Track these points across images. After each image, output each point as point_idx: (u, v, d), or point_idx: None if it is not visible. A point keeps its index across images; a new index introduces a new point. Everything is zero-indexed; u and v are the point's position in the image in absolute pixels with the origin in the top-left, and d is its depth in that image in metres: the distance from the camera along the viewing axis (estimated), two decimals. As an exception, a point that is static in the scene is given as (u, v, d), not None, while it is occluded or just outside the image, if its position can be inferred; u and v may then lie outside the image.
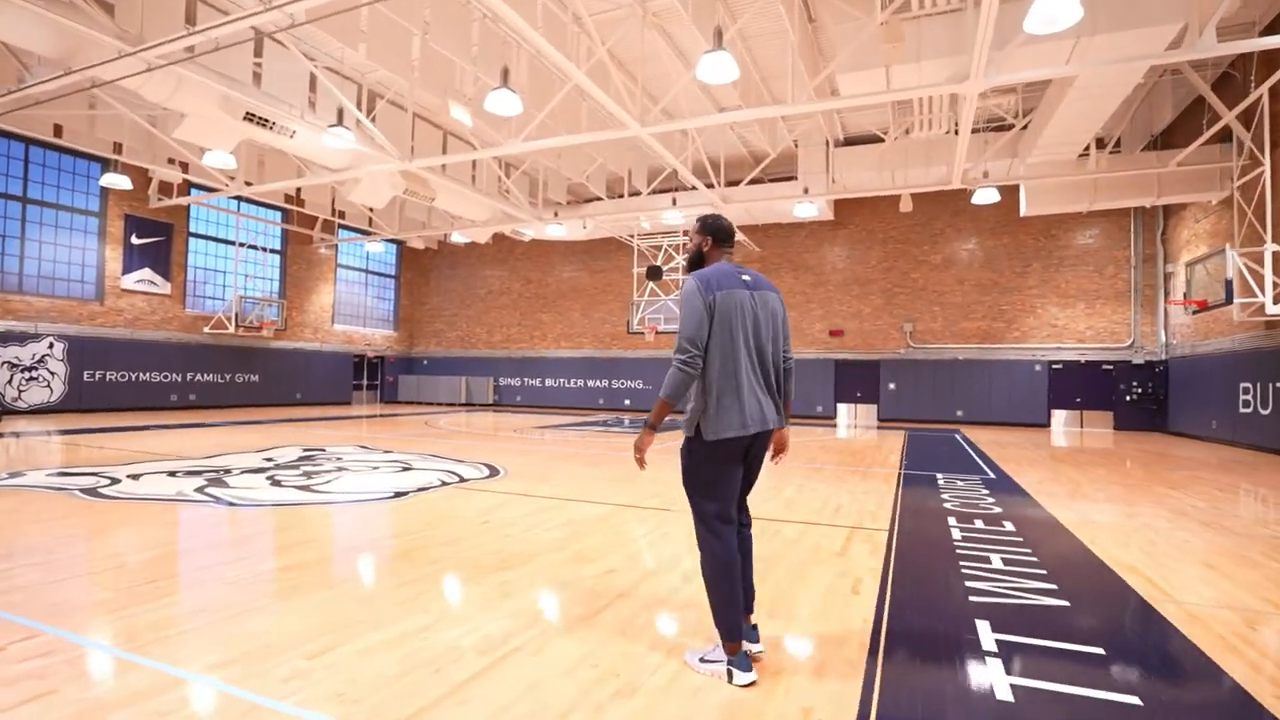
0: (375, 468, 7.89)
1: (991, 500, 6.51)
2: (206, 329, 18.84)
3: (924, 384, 19.19)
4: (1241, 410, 12.57)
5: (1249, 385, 12.35)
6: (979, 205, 18.42)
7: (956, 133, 14.91)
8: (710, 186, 16.09)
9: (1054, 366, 17.85)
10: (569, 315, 23.89)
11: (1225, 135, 12.30)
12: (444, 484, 6.84)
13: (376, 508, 5.55)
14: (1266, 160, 10.12)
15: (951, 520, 5.53)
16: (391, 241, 24.68)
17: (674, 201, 18.33)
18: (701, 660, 2.62)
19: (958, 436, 14.61)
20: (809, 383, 20.34)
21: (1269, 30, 11.05)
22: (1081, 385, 17.55)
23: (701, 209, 18.14)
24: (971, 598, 3.54)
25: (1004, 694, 2.45)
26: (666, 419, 2.79)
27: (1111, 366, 17.25)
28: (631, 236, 20.22)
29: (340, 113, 11.94)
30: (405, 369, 25.91)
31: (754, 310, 2.65)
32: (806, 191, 17.08)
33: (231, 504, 5.55)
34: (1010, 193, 17.17)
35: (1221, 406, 13.30)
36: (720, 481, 2.61)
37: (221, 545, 4.25)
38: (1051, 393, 17.81)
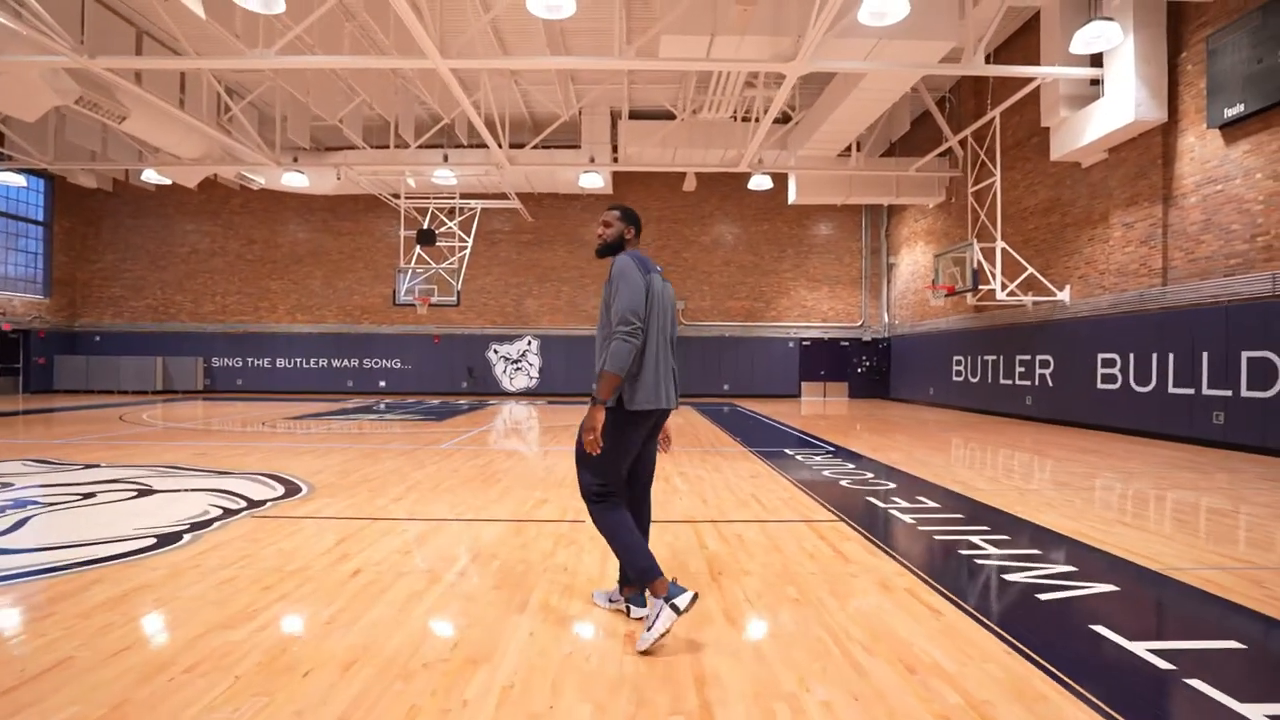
0: (88, 495, 5.18)
1: (871, 475, 6.53)
2: None
3: (695, 359, 20.03)
4: (954, 379, 15.25)
5: (960, 358, 15.02)
6: (743, 191, 19.66)
7: (741, 119, 15.53)
8: (500, 146, 14.45)
9: (804, 343, 19.98)
10: (306, 284, 20.04)
11: (948, 149, 14.63)
12: (229, 513, 4.66)
13: (143, 570, 3.39)
14: (998, 173, 12.14)
15: (875, 500, 5.30)
16: (36, 174, 18.02)
17: (445, 158, 16.25)
18: (648, 630, 2.50)
19: (741, 409, 15.40)
20: (585, 360, 19.89)
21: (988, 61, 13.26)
22: (824, 360, 19.94)
23: (478, 169, 16.41)
24: (1038, 595, 3.14)
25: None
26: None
27: (847, 343, 19.88)
28: (396, 196, 17.49)
29: (-35, -43, 7.89)
30: (65, 347, 19.30)
31: (666, 298, 2.86)
32: (593, 161, 16.43)
33: None
34: (775, 181, 18.54)
35: (937, 376, 16.03)
36: (626, 451, 2.76)
37: None
38: (801, 366, 19.92)
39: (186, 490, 5.45)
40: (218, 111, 14.42)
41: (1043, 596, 3.15)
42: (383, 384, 19.72)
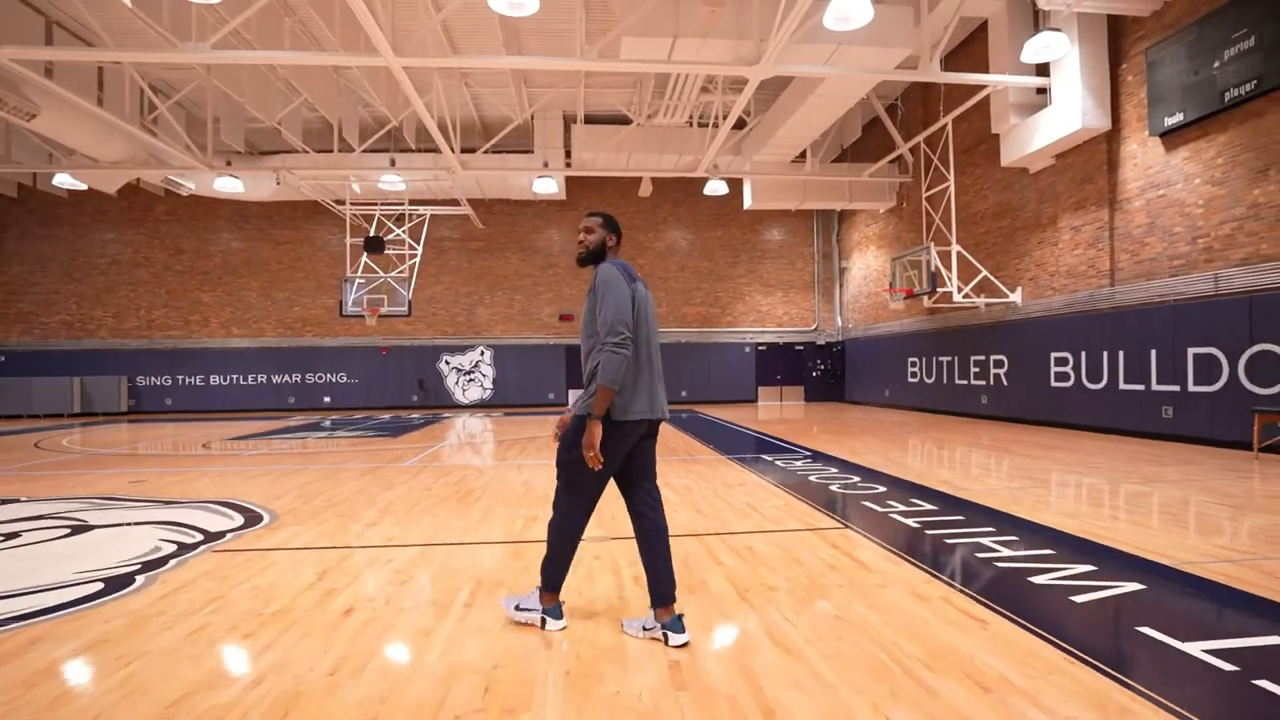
0: (11, 535, 4.57)
1: (858, 479, 6.48)
2: None
3: (652, 367, 19.86)
4: (909, 380, 15.58)
5: (915, 360, 15.36)
6: (696, 197, 19.73)
7: (698, 124, 15.55)
8: (453, 150, 13.95)
9: (759, 348, 20.12)
10: (242, 295, 18.93)
11: (899, 155, 14.97)
12: (185, 549, 4.18)
13: (95, 621, 2.93)
14: (951, 178, 12.47)
15: (872, 505, 5.21)
16: (-72, 179, 16.42)
17: (393, 162, 15.65)
18: (517, 608, 2.82)
19: (703, 415, 15.32)
20: (540, 369, 19.50)
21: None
22: (780, 364, 20.12)
23: (427, 173, 15.87)
24: (1072, 597, 3.07)
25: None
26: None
27: (802, 347, 20.12)
28: (339, 202, 16.72)
29: None
30: (-38, 370, 17.63)
31: (650, 306, 2.83)
32: (547, 165, 16.14)
33: None
34: (729, 186, 18.62)
35: (893, 378, 16.36)
36: (610, 463, 2.69)
37: None
38: (758, 371, 20.04)
39: (129, 524, 4.90)
40: (141, 112, 13.46)
41: (1077, 599, 3.08)
42: (327, 399, 18.78)
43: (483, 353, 19.32)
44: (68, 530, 4.72)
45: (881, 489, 5.87)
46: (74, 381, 17.29)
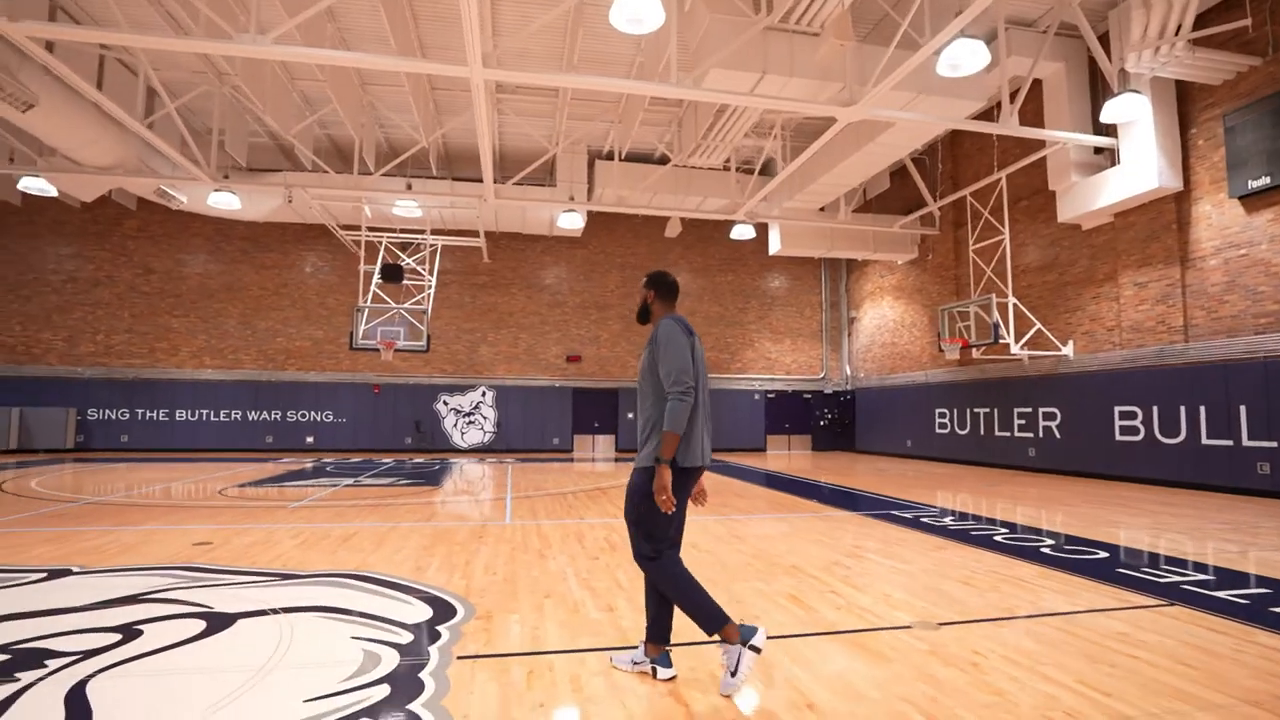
0: (126, 632, 3.38)
1: (1052, 541, 5.92)
2: None
3: (657, 413, 19.12)
4: (938, 431, 15.43)
5: (944, 411, 15.25)
6: (706, 241, 19.49)
7: (737, 169, 15.31)
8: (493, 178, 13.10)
9: (769, 395, 19.73)
10: (219, 323, 17.15)
11: (923, 205, 15.14)
12: (407, 653, 3.14)
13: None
14: (1007, 232, 12.55)
15: (1139, 574, 4.63)
16: None
17: (409, 187, 14.70)
18: (733, 675, 2.63)
19: (738, 465, 14.63)
20: (545, 413, 18.42)
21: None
22: (788, 412, 19.76)
23: (443, 201, 14.97)
24: None
25: None
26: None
27: (810, 396, 19.86)
28: (349, 228, 15.46)
29: None
30: None
31: (703, 359, 2.96)
32: (573, 199, 15.51)
33: None
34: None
35: (917, 428, 16.19)
36: (680, 508, 2.80)
37: None
38: (768, 419, 19.60)
39: (277, 611, 3.75)
40: (143, 114, 12.05)
41: None
42: (310, 440, 17.02)
43: (484, 394, 18.10)
44: (202, 624, 3.54)
45: (1102, 554, 5.33)
46: (13, 413, 14.99)
